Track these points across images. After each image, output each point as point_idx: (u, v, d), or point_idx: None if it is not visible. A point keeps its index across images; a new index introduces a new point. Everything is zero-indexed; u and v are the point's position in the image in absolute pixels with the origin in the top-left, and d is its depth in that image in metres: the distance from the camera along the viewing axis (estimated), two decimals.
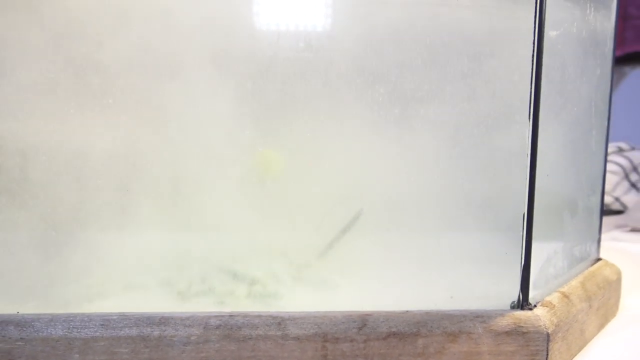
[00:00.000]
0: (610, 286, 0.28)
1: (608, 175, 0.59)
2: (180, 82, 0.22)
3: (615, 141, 0.65)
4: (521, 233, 0.22)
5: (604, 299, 0.27)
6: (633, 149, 0.63)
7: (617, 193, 0.57)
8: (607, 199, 0.57)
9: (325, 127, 0.23)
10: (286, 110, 0.23)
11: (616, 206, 0.56)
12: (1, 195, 0.21)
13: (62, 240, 0.22)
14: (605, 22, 0.27)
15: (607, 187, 0.58)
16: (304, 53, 0.22)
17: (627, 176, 0.59)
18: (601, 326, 0.27)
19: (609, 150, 0.62)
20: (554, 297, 0.23)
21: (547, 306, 0.23)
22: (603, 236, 0.49)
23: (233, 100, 0.22)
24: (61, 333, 0.20)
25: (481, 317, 0.22)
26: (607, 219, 0.53)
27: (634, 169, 0.60)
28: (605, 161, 0.29)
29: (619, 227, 0.50)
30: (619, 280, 0.29)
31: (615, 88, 1.24)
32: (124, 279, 0.23)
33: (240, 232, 0.24)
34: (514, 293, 0.23)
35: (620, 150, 0.62)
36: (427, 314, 0.22)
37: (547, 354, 0.21)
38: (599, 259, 0.30)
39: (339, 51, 0.22)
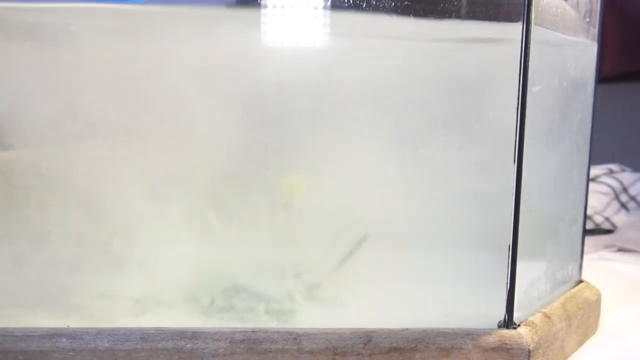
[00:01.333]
0: (590, 306, 0.31)
1: (599, 196, 0.62)
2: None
3: (607, 162, 0.68)
4: (507, 261, 0.25)
5: (583, 318, 0.30)
6: (624, 170, 0.66)
7: (607, 213, 0.60)
8: (598, 219, 0.60)
9: (332, 159, 0.26)
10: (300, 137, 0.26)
11: (606, 225, 0.60)
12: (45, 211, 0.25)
13: (100, 259, 0.25)
14: (586, 72, 0.30)
15: (598, 207, 0.61)
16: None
17: (617, 197, 0.62)
18: (581, 342, 0.30)
19: (600, 172, 0.65)
20: (537, 317, 0.27)
21: (529, 325, 0.26)
22: (592, 255, 0.52)
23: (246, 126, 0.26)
24: (107, 345, 0.23)
25: (471, 335, 0.25)
26: (596, 239, 0.56)
27: (624, 190, 0.63)
28: (587, 194, 0.32)
29: (607, 246, 0.53)
30: (598, 300, 0.33)
31: (623, 105, 1.26)
32: (156, 295, 0.26)
33: (259, 254, 0.27)
34: (501, 313, 0.26)
35: (611, 172, 0.65)
36: (424, 331, 0.25)
37: None
38: (580, 281, 0.33)
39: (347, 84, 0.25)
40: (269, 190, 0.26)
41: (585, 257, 0.51)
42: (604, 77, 1.23)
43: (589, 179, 0.32)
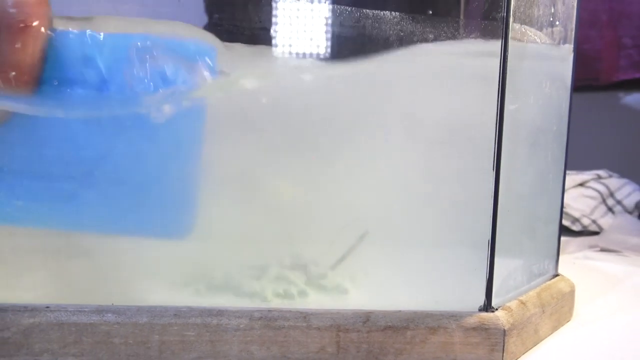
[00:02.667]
0: (564, 296, 0.35)
1: (587, 200, 0.66)
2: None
3: (598, 168, 0.72)
4: (487, 255, 0.29)
5: (557, 307, 0.34)
6: (610, 176, 0.70)
7: (594, 216, 0.64)
8: (585, 221, 0.64)
9: (332, 167, 0.31)
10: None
11: (593, 228, 0.64)
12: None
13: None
14: (561, 91, 0.34)
15: (586, 210, 0.65)
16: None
17: (604, 201, 0.66)
18: (555, 328, 0.34)
19: (589, 177, 0.69)
20: (513, 303, 0.31)
21: (506, 310, 0.30)
22: (577, 254, 0.56)
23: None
24: (146, 320, 0.28)
25: (455, 316, 0.29)
26: (582, 239, 0.61)
27: (611, 194, 0.67)
28: (563, 198, 0.37)
29: (591, 247, 0.57)
30: (572, 292, 0.37)
31: (609, 113, 1.31)
32: (184, 277, 0.30)
33: (275, 247, 0.31)
34: (481, 299, 0.30)
35: (598, 178, 0.69)
36: (415, 313, 0.29)
37: (504, 345, 0.29)
38: (556, 275, 0.37)
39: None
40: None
41: (570, 256, 0.55)
42: (601, 84, 1.27)
43: (564, 184, 0.37)
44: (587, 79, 1.29)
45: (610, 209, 0.65)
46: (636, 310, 0.39)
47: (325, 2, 0.29)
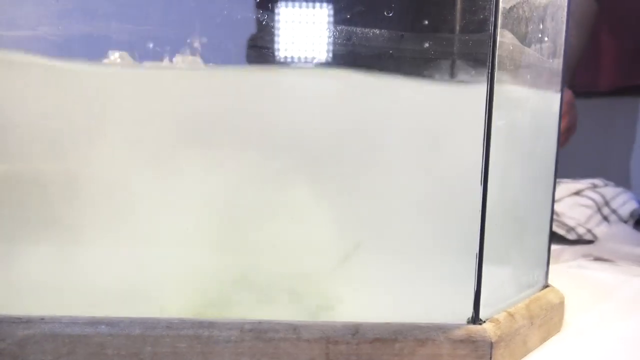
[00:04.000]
0: (553, 308, 0.36)
1: (582, 209, 0.66)
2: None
3: (591, 177, 0.73)
4: (475, 267, 0.30)
5: (546, 318, 0.35)
6: (606, 185, 0.71)
7: (589, 225, 0.64)
8: (580, 230, 0.64)
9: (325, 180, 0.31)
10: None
11: (588, 237, 0.64)
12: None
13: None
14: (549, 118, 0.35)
15: (581, 219, 0.65)
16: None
17: (599, 210, 0.66)
18: (544, 339, 0.35)
19: (584, 186, 0.69)
20: (501, 315, 0.31)
21: (493, 322, 0.30)
22: (571, 263, 0.56)
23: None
24: (139, 332, 0.28)
25: (443, 329, 0.29)
26: (577, 248, 0.61)
27: (606, 203, 0.67)
28: (552, 210, 0.37)
29: (585, 256, 0.57)
30: (561, 303, 0.37)
31: (609, 120, 1.31)
32: (178, 289, 0.31)
33: (269, 260, 0.31)
34: (470, 311, 0.30)
35: (594, 187, 0.69)
36: (403, 325, 0.29)
37: (491, 357, 0.29)
38: (547, 286, 0.38)
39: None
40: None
41: (564, 264, 0.56)
42: (600, 91, 1.28)
43: (554, 194, 0.37)
44: (586, 86, 1.30)
45: (605, 218, 0.66)
46: (626, 321, 0.40)
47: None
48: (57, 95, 0.29)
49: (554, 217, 0.44)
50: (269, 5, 0.29)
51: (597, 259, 0.56)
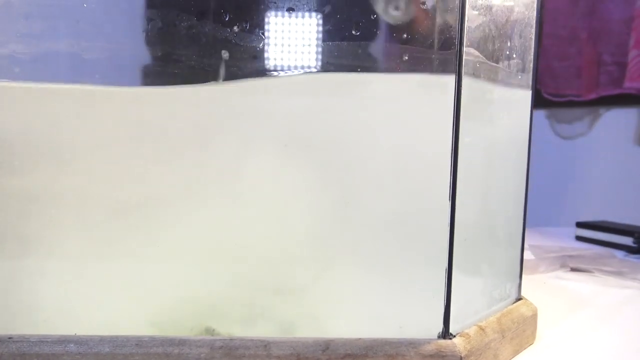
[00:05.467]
0: (525, 321, 0.36)
1: None
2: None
3: (579, 182, 0.73)
4: (444, 282, 0.30)
5: (518, 331, 0.35)
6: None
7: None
8: None
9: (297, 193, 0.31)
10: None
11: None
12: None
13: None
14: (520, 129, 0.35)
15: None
16: None
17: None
18: (516, 352, 0.35)
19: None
20: (472, 330, 0.31)
21: (464, 336, 0.31)
22: (549, 274, 0.57)
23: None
24: (108, 350, 0.28)
25: (413, 344, 0.29)
26: (555, 259, 0.61)
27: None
28: (525, 222, 0.38)
29: (563, 266, 0.58)
30: (534, 315, 0.37)
31: (590, 128, 1.33)
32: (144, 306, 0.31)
33: (244, 276, 0.31)
34: (440, 326, 0.30)
35: None
36: (374, 340, 0.29)
37: None
38: (519, 299, 0.38)
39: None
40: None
41: (542, 275, 0.56)
42: (582, 100, 1.29)
43: (526, 208, 0.37)
44: (568, 95, 1.32)
45: None
46: (598, 331, 0.40)
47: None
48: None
49: None
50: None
51: (574, 269, 0.57)
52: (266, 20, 0.29)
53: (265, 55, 0.29)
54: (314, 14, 0.29)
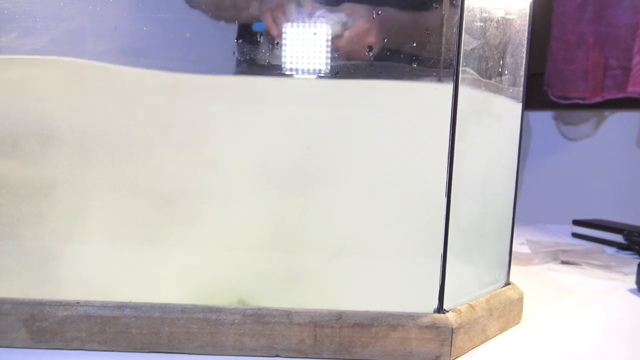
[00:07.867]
0: (512, 302, 0.41)
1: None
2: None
3: (582, 183, 0.78)
4: (440, 266, 0.35)
5: (505, 311, 0.40)
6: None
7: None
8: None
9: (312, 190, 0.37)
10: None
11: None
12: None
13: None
14: (511, 136, 0.41)
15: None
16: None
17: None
18: (503, 329, 0.41)
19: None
20: (463, 307, 0.37)
21: (456, 312, 0.36)
22: (541, 266, 0.62)
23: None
24: (158, 315, 0.34)
25: (412, 316, 0.35)
26: (548, 252, 0.66)
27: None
28: (514, 215, 0.43)
29: (554, 259, 0.63)
30: (520, 298, 0.43)
31: (595, 130, 1.37)
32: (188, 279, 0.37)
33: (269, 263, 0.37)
34: (436, 303, 0.36)
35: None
36: (379, 313, 0.35)
37: (452, 341, 0.35)
38: (508, 284, 0.44)
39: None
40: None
41: (535, 267, 0.61)
42: (588, 103, 1.33)
43: (516, 202, 0.43)
44: (575, 98, 1.36)
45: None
46: (579, 316, 0.45)
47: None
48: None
49: None
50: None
51: (565, 262, 0.62)
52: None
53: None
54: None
